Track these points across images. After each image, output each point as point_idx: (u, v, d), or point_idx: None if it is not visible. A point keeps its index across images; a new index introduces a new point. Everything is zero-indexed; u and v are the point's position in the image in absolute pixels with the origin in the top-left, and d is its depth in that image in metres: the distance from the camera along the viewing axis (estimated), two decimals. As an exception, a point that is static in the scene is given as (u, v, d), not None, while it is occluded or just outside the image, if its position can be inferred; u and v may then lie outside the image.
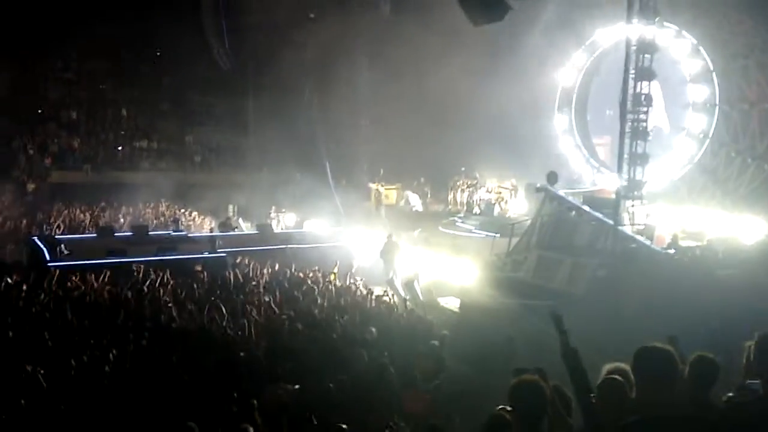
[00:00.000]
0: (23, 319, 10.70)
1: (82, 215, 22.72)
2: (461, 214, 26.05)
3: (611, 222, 15.93)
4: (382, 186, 27.32)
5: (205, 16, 32.34)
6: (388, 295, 14.49)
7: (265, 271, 15.86)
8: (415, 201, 27.23)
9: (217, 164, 33.26)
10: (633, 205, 16.75)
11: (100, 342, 9.63)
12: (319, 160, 28.50)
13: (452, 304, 15.07)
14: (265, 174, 31.31)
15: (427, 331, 11.77)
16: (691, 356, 4.56)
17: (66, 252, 16.28)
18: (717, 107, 22.17)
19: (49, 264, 15.30)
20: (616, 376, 4.60)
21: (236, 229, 22.73)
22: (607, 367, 4.77)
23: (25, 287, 12.31)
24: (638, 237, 16.07)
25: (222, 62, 33.35)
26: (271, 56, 31.20)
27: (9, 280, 12.67)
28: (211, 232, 21.41)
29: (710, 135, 22.20)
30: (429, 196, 28.68)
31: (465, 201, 27.07)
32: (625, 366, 4.58)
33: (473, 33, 16.87)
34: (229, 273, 15.23)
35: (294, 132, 29.72)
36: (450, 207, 27.64)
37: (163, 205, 24.97)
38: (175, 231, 20.69)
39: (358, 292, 14.26)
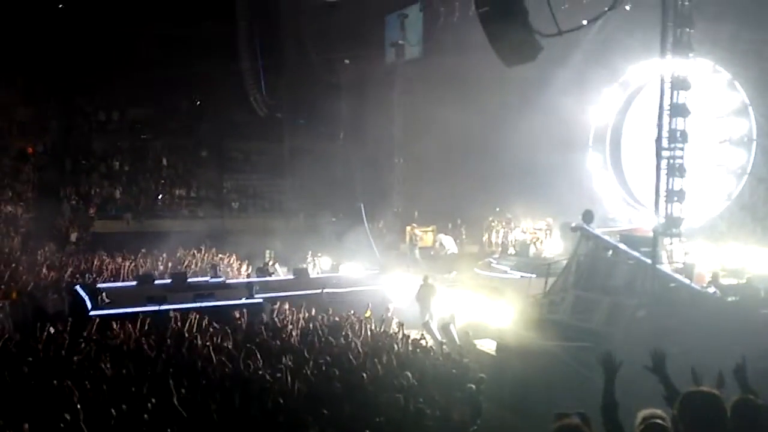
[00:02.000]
0: (65, 368, 10.88)
1: (123, 263, 23.12)
2: (496, 255, 25.90)
3: (649, 261, 15.70)
4: (418, 228, 27.35)
5: (242, 62, 33.19)
6: (424, 339, 14.44)
7: (301, 316, 15.94)
8: (450, 244, 27.17)
9: (254, 210, 33.71)
10: (671, 243, 16.49)
11: (139, 390, 9.75)
12: (354, 202, 28.72)
13: (489, 346, 14.92)
14: (301, 218, 31.62)
15: (464, 374, 11.68)
16: (732, 399, 4.42)
17: (107, 300, 16.57)
18: (755, 142, 21.88)
19: (90, 313, 15.58)
20: (659, 421, 4.48)
21: (273, 275, 22.89)
22: (643, 413, 4.66)
23: (67, 336, 12.55)
24: (677, 276, 15.78)
25: (259, 109, 34.07)
26: (307, 101, 31.84)
27: (52, 330, 12.92)
28: (249, 277, 21.60)
29: (748, 170, 21.86)
30: (464, 236, 28.59)
31: (500, 241, 26.93)
32: (662, 412, 4.49)
33: (505, 72, 17.00)
34: (266, 319, 15.35)
35: (329, 175, 30.08)
36: (485, 248, 27.50)
37: (202, 251, 25.30)
38: (212, 277, 20.94)
39: (394, 336, 14.22)
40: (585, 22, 17.91)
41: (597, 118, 27.17)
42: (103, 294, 16.89)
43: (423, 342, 14.06)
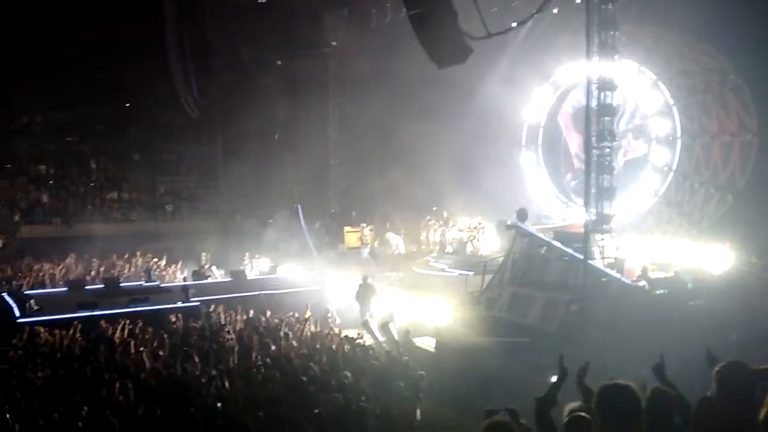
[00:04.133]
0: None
1: (52, 269, 22.40)
2: (434, 254, 26.12)
3: (582, 257, 16.10)
4: (366, 228, 27.16)
5: (171, 63, 32.46)
6: (362, 338, 14.47)
7: (239, 318, 15.76)
8: (398, 242, 27.19)
9: (189, 212, 33.07)
10: (602, 239, 16.93)
11: (71, 398, 9.48)
12: (290, 203, 28.54)
13: (428, 344, 15.06)
14: (238, 220, 31.23)
15: (404, 372, 11.75)
16: (647, 390, 4.59)
17: (35, 307, 16.02)
18: (679, 140, 22.66)
19: (18, 321, 15.05)
20: (583, 414, 4.61)
21: (209, 277, 22.53)
22: (570, 405, 4.79)
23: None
24: (609, 271, 16.22)
25: (190, 110, 33.42)
26: (239, 101, 31.42)
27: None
28: (184, 281, 21.23)
29: (674, 168, 22.65)
30: (402, 236, 28.71)
31: (437, 240, 27.15)
32: (588, 405, 4.61)
33: (438, 73, 17.20)
34: (203, 322, 15.11)
35: (265, 176, 29.78)
36: (423, 246, 27.70)
37: (136, 255, 24.71)
38: (147, 282, 20.50)
39: (334, 337, 14.20)
40: (514, 25, 18.28)
41: (529, 118, 27.75)
42: (32, 301, 16.31)
43: (361, 341, 14.09)
